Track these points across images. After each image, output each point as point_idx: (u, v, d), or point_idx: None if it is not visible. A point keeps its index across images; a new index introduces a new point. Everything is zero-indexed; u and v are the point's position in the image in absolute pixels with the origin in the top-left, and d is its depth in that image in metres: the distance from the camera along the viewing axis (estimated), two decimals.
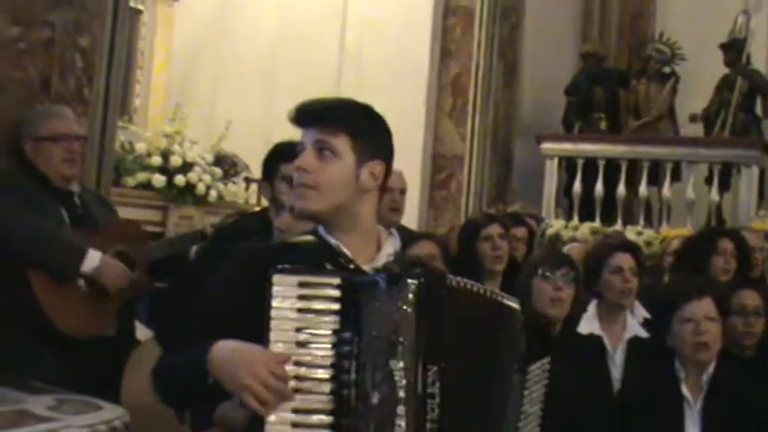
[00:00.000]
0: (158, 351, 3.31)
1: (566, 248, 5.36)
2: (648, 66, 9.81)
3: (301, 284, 1.94)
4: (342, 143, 2.09)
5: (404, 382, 1.94)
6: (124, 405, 3.24)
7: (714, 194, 8.92)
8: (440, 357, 1.97)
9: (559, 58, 10.28)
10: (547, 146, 9.55)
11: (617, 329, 3.99)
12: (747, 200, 8.81)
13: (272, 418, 1.89)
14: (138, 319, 4.19)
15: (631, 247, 4.33)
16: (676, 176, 9.26)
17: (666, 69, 9.76)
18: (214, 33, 9.05)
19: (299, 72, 8.82)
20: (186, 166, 7.16)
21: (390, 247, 2.16)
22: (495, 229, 4.54)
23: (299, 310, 1.94)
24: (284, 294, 1.94)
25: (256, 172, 8.00)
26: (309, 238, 2.14)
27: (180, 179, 7.06)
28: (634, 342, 3.93)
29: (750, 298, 3.96)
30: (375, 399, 1.93)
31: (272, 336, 1.91)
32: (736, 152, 9.02)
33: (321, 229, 2.13)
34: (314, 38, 9.08)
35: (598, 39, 10.44)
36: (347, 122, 2.11)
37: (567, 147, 9.55)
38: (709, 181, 9.07)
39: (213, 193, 7.28)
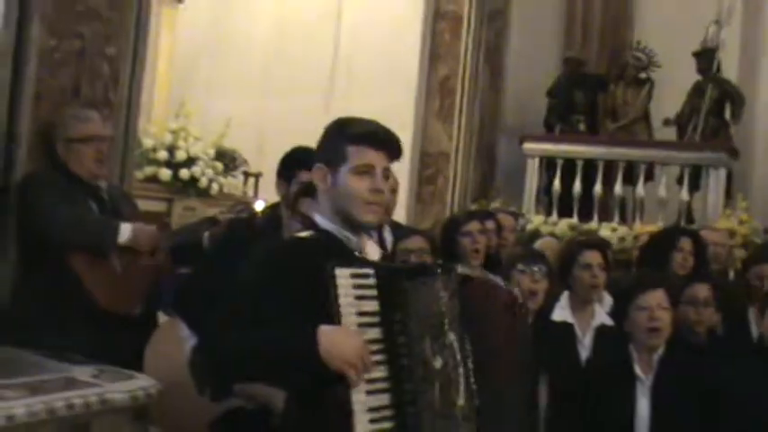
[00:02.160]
0: (179, 332, 3.70)
1: (537, 243, 5.79)
2: (626, 71, 10.20)
3: (353, 275, 2.35)
4: None
5: (459, 350, 2.42)
6: None
7: (684, 194, 9.34)
8: (469, 330, 2.46)
9: (542, 63, 10.62)
10: (528, 146, 9.94)
11: (586, 318, 4.42)
12: (715, 199, 9.22)
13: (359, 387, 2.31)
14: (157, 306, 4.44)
15: (600, 245, 4.79)
16: (650, 176, 9.65)
17: (643, 75, 10.15)
18: (212, 35, 9.39)
19: (293, 74, 9.21)
20: (190, 161, 7.58)
21: (371, 244, 2.60)
22: (474, 226, 4.92)
23: (356, 297, 2.35)
24: (343, 284, 2.33)
25: (253, 167, 8.47)
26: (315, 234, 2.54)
27: (184, 173, 7.48)
28: (601, 329, 4.35)
29: (701, 290, 4.39)
30: (438, 364, 2.40)
31: (343, 321, 2.31)
32: (705, 155, 9.44)
33: (335, 227, 2.54)
34: (308, 41, 9.43)
35: (580, 44, 10.77)
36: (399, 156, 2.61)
37: (548, 147, 9.94)
38: (680, 181, 9.49)
39: (215, 186, 7.70)
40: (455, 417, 2.41)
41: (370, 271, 2.39)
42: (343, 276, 2.33)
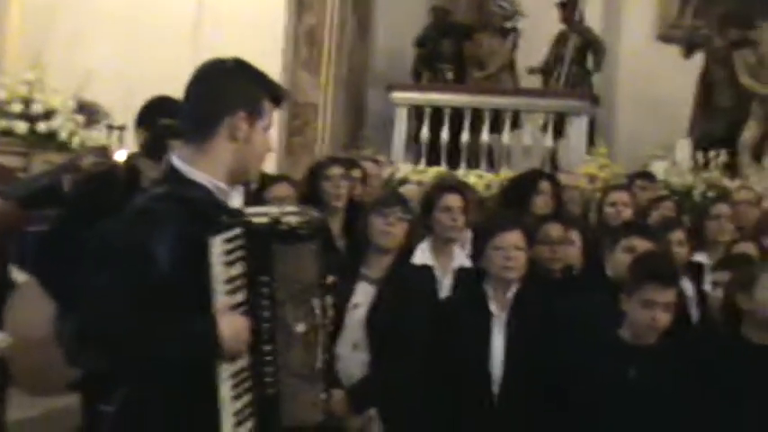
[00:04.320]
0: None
1: (402, 189, 5.85)
2: (491, 21, 10.32)
3: (223, 241, 2.28)
4: None
5: (321, 314, 2.42)
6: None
7: (549, 141, 9.61)
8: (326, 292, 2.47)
9: (410, 12, 10.65)
10: (397, 95, 10.02)
11: (446, 260, 4.50)
12: (578, 146, 9.51)
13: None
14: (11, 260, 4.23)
15: (459, 188, 4.86)
16: (516, 124, 9.91)
17: (508, 25, 10.30)
18: None
19: (158, 24, 9.01)
20: (48, 114, 7.37)
21: (237, 193, 2.48)
22: (336, 170, 4.90)
23: (226, 264, 2.29)
24: (215, 253, 2.26)
25: (121, 120, 8.27)
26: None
27: (42, 126, 7.27)
28: (460, 271, 4.43)
29: (554, 229, 4.52)
30: (300, 328, 2.39)
31: (216, 290, 2.27)
32: (569, 103, 9.72)
33: (210, 180, 2.38)
34: None
35: None
36: None
37: (416, 96, 10.04)
38: (544, 129, 9.76)
39: (76, 140, 7.50)
40: (312, 377, 2.42)
41: (239, 232, 2.31)
42: (215, 245, 2.27)
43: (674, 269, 3.75)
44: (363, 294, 3.99)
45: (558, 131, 9.74)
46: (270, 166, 7.88)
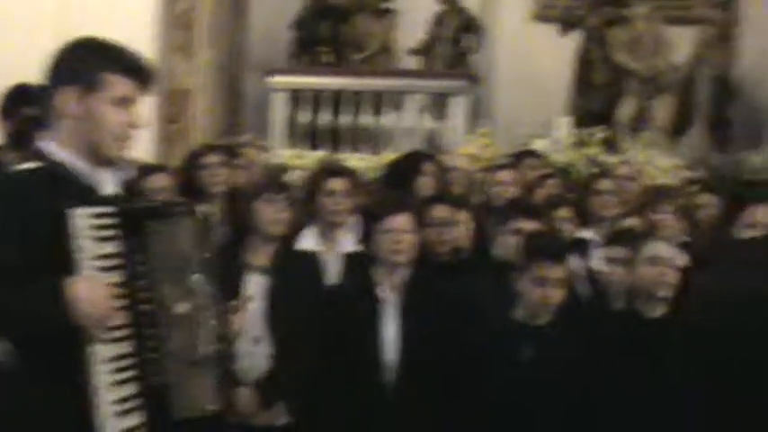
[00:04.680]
0: None
1: (286, 175, 5.71)
2: (367, 2, 10.19)
3: (90, 216, 2.18)
4: None
5: (203, 293, 2.28)
6: None
7: (430, 122, 9.56)
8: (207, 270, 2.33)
9: None
10: (275, 79, 9.80)
11: (332, 246, 4.40)
12: (459, 126, 9.46)
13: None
14: None
15: (344, 172, 4.75)
16: (397, 106, 9.80)
17: (384, 6, 10.19)
18: None
19: (22, 9, 8.63)
20: None
21: (109, 178, 2.40)
22: (213, 158, 4.82)
23: (95, 239, 2.18)
24: (80, 226, 2.16)
25: None
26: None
27: None
28: (348, 256, 4.34)
29: (441, 211, 4.44)
30: (180, 309, 2.25)
31: (81, 266, 2.15)
32: (448, 83, 9.65)
33: (73, 159, 2.33)
34: None
35: None
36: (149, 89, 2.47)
37: (294, 80, 9.84)
38: (425, 110, 9.70)
39: None
40: (199, 363, 2.30)
41: (109, 210, 2.23)
42: (79, 217, 2.17)
43: (564, 245, 3.77)
44: (255, 285, 3.88)
45: (439, 112, 9.70)
46: (146, 153, 7.64)
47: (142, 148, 7.75)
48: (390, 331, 3.74)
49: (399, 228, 3.80)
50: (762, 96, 9.64)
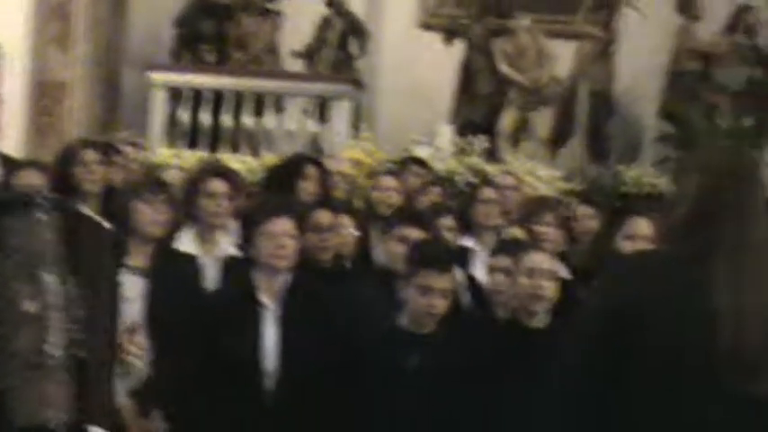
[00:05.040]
0: None
1: (165, 174, 5.55)
2: (253, 1, 10.06)
3: None
4: None
5: (56, 292, 2.11)
6: None
7: (312, 125, 9.48)
8: (76, 270, 2.16)
9: None
10: (155, 76, 9.58)
11: (212, 248, 4.28)
12: (341, 131, 9.42)
13: None
14: None
15: (225, 173, 4.62)
16: (279, 108, 9.71)
17: (270, 6, 10.07)
18: None
19: None
20: None
21: None
22: (90, 155, 4.64)
23: None
24: None
25: None
26: None
27: None
28: (227, 260, 4.23)
29: (324, 217, 4.35)
30: (30, 308, 2.08)
31: None
32: (332, 87, 9.61)
33: None
34: None
35: None
36: None
37: (175, 78, 9.64)
38: (308, 113, 9.63)
39: None
40: (48, 367, 2.14)
41: None
42: None
43: (450, 255, 3.74)
44: (133, 287, 3.71)
45: (322, 116, 9.63)
46: (15, 146, 7.36)
47: (11, 141, 7.55)
48: (270, 337, 3.64)
49: (281, 232, 3.70)
50: (638, 112, 9.90)
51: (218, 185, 4.33)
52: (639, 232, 4.21)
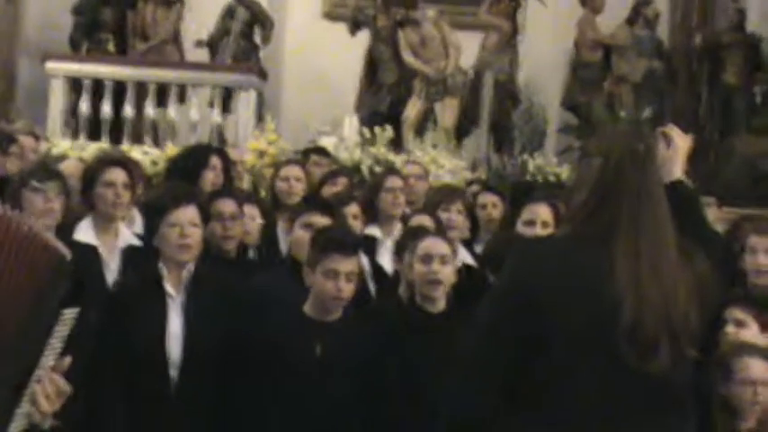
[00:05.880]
0: None
1: (62, 165, 5.38)
2: None
3: None
4: None
5: None
6: None
7: (216, 116, 9.36)
8: None
9: None
10: (52, 65, 9.34)
11: (111, 239, 4.17)
12: (246, 121, 9.33)
13: None
14: None
15: (124, 162, 4.50)
16: (182, 99, 9.56)
17: None
18: None
19: None
20: None
21: None
22: None
23: None
24: None
25: None
26: None
27: None
28: (128, 250, 4.13)
29: (228, 206, 4.29)
30: None
31: None
32: (236, 77, 9.52)
33: None
34: None
35: None
36: None
37: (74, 67, 9.42)
38: (211, 103, 9.51)
39: None
40: None
41: None
42: None
43: (355, 239, 3.73)
44: None
45: (226, 106, 9.52)
46: None
47: None
48: (176, 328, 3.58)
49: (186, 221, 3.64)
50: (542, 102, 10.03)
51: (116, 174, 4.21)
52: (539, 218, 4.29)
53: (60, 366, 1.94)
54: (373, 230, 4.87)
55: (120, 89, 9.39)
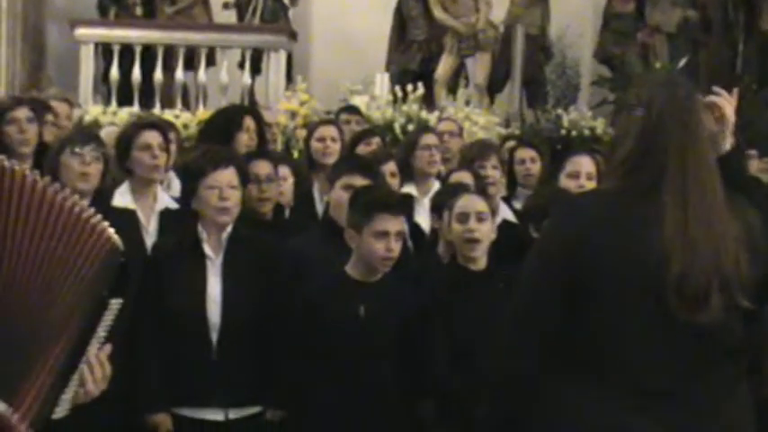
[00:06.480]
0: None
1: (102, 132, 5.37)
2: None
3: None
4: None
5: None
6: None
7: (246, 78, 9.30)
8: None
9: None
10: (81, 31, 9.31)
11: (149, 202, 4.16)
12: (276, 82, 9.28)
13: None
14: None
15: (159, 125, 4.49)
16: (211, 61, 9.52)
17: None
18: None
19: None
20: None
21: None
22: (21, 113, 4.46)
23: None
24: None
25: None
26: None
27: None
28: (165, 213, 4.12)
29: (263, 168, 4.29)
30: None
31: None
32: (265, 38, 9.45)
33: None
34: None
35: None
36: None
37: (103, 32, 9.41)
38: (241, 65, 9.46)
39: None
40: None
41: None
42: None
43: (400, 198, 3.71)
44: None
45: (256, 68, 9.47)
46: None
47: None
48: (215, 290, 3.59)
49: (226, 183, 3.62)
50: (574, 55, 9.90)
51: (151, 137, 4.18)
52: (582, 169, 4.23)
53: (103, 354, 1.94)
54: (409, 189, 4.84)
55: (149, 53, 9.34)
